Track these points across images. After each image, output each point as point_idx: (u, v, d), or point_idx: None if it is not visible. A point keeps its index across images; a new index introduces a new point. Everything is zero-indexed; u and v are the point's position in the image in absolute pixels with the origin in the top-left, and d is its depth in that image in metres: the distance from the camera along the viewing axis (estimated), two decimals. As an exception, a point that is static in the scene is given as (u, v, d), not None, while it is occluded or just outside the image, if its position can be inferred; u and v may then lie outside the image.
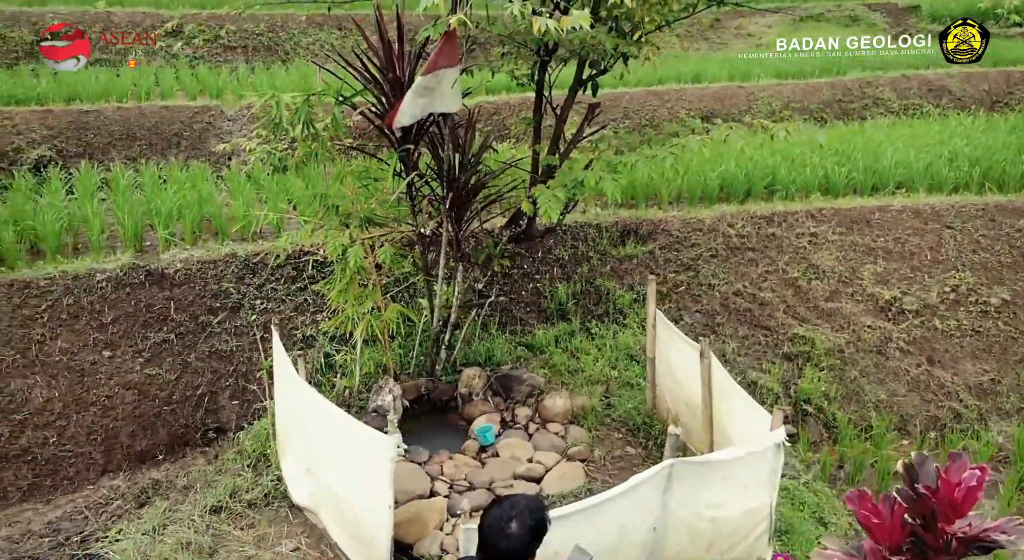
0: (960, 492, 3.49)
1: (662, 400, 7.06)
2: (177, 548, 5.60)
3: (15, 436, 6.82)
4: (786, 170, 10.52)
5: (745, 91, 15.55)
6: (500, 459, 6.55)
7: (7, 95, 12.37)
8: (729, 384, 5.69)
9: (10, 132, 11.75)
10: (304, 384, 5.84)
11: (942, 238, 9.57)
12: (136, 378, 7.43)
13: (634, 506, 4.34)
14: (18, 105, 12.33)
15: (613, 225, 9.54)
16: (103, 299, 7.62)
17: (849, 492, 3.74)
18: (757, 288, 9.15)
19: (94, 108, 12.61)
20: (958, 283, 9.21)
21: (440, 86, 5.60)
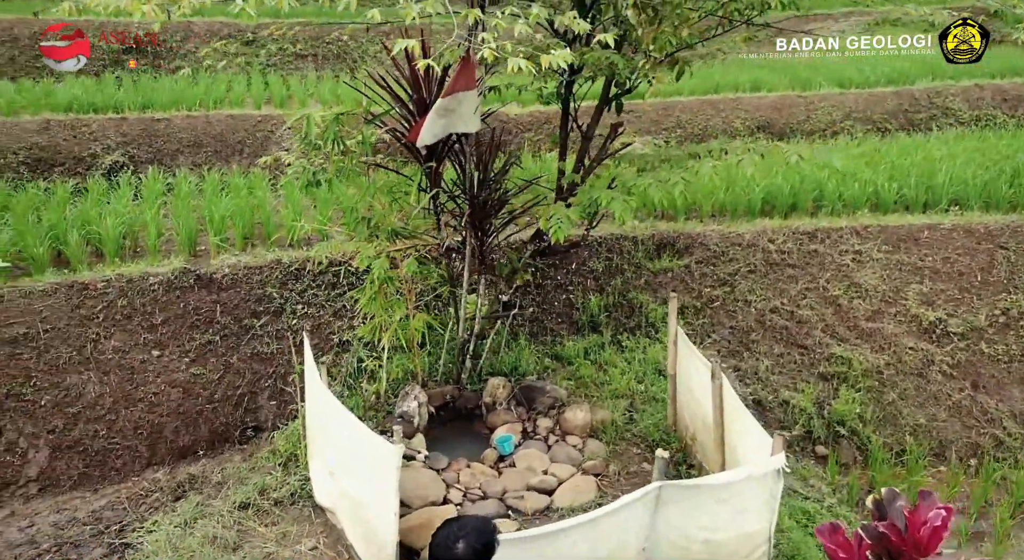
0: (926, 531, 3.49)
1: (682, 417, 7.07)
2: (204, 542, 5.94)
3: (69, 428, 7.31)
4: (834, 184, 10.32)
5: (805, 100, 15.25)
6: (516, 469, 6.69)
7: (88, 103, 13.18)
8: (739, 406, 5.69)
9: (88, 139, 12.53)
10: (326, 391, 6.09)
11: (994, 259, 9.24)
12: (182, 377, 7.86)
13: (622, 526, 4.42)
14: (96, 113, 13.13)
15: (649, 238, 9.56)
16: (154, 301, 8.09)
17: (820, 525, 3.76)
18: (795, 305, 9.03)
19: (165, 116, 13.32)
20: (1009, 306, 8.88)
21: (459, 108, 5.78)
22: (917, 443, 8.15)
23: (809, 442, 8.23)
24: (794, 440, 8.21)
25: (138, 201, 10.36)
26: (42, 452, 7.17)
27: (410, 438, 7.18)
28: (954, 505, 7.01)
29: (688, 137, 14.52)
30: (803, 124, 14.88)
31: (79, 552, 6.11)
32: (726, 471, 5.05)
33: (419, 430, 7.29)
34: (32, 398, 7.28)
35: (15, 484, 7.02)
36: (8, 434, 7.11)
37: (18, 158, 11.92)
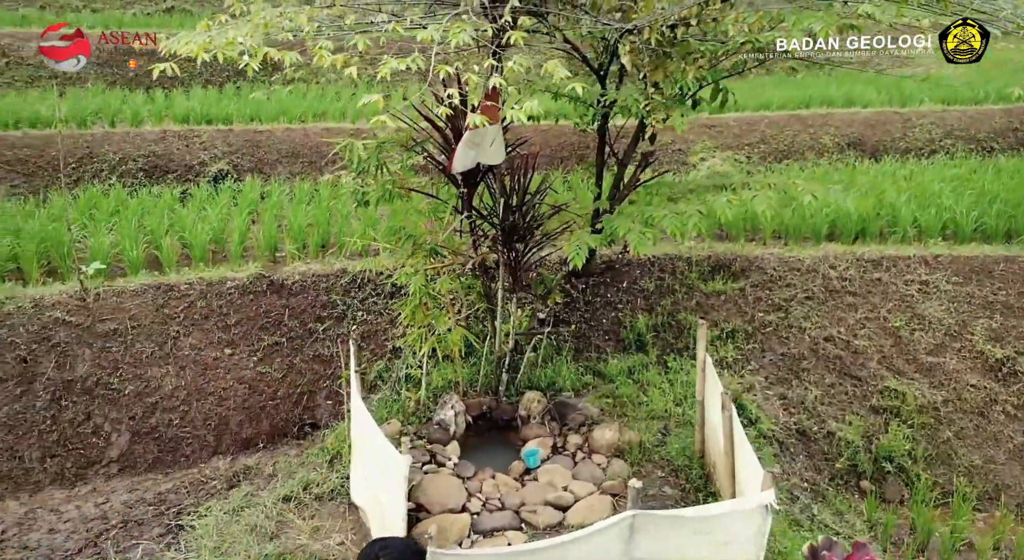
0: (852, 581, 3.58)
1: (708, 444, 7.13)
2: (246, 530, 6.54)
3: (147, 416, 8.15)
4: (908, 210, 9.97)
5: (901, 117, 14.65)
6: (538, 483, 6.96)
7: (202, 114, 14.38)
8: (742, 438, 5.75)
9: (198, 148, 13.66)
10: (358, 398, 6.58)
11: (1077, 296, 8.71)
12: (249, 374, 8.58)
13: (594, 552, 4.62)
14: (209, 124, 14.29)
15: (705, 259, 9.57)
16: (230, 304, 8.85)
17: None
18: (852, 335, 8.83)
19: (267, 128, 14.33)
20: (1087, 347, 8.36)
21: (484, 141, 6.11)
22: (970, 485, 7.83)
23: (854, 476, 8.06)
24: (837, 473, 8.07)
25: (235, 207, 11.26)
26: (123, 436, 8.02)
27: (445, 445, 7.59)
28: (997, 553, 6.78)
29: (772, 153, 14.26)
30: (898, 142, 14.30)
31: (141, 530, 6.85)
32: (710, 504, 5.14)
33: (454, 438, 7.69)
34: (117, 387, 8.15)
35: (99, 463, 7.89)
36: (95, 419, 8.01)
37: (137, 165, 13.13)
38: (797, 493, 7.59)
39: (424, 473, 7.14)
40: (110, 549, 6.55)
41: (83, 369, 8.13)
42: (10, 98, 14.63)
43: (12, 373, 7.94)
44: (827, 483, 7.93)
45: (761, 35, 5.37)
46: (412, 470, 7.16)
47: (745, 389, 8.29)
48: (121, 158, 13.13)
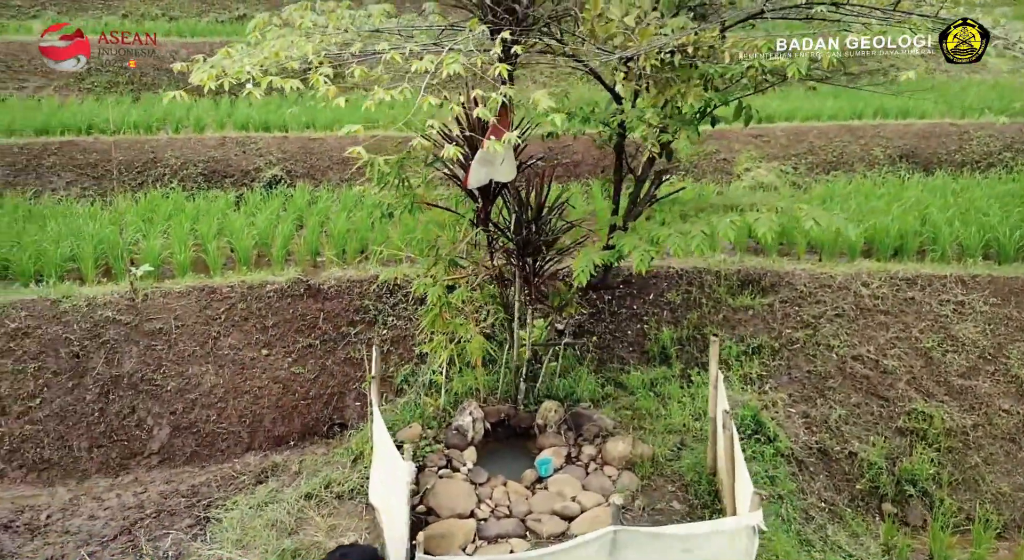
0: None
1: (719, 460, 7.16)
2: (267, 525, 6.90)
3: (187, 411, 8.62)
4: (949, 228, 9.74)
5: (958, 129, 14.20)
6: (547, 493, 7.11)
7: (261, 122, 14.97)
8: (740, 457, 5.80)
9: (254, 154, 14.22)
10: (375, 404, 6.86)
11: (1122, 321, 8.38)
12: (283, 374, 8.98)
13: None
14: (266, 131, 14.87)
15: (734, 273, 9.55)
16: (269, 306, 9.27)
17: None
18: (882, 354, 8.70)
19: (320, 136, 14.81)
20: None
21: (495, 159, 6.30)
22: (996, 512, 7.65)
23: (875, 498, 7.96)
24: (858, 494, 7.99)
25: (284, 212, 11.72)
26: (164, 430, 8.51)
27: (462, 450, 7.81)
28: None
29: (820, 164, 14.03)
30: (953, 155, 13.89)
31: (172, 520, 7.30)
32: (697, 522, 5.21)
33: (472, 443, 7.90)
34: (160, 384, 8.65)
35: (141, 454, 8.40)
36: (139, 412, 8.51)
37: (197, 169, 13.75)
38: (813, 513, 7.55)
39: (439, 477, 7.38)
40: (142, 537, 6.99)
41: (130, 365, 8.65)
42: (88, 104, 15.51)
43: (65, 367, 8.51)
44: (846, 504, 7.86)
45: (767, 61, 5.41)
46: (428, 474, 7.44)
47: (764, 406, 8.28)
48: (183, 163, 13.77)
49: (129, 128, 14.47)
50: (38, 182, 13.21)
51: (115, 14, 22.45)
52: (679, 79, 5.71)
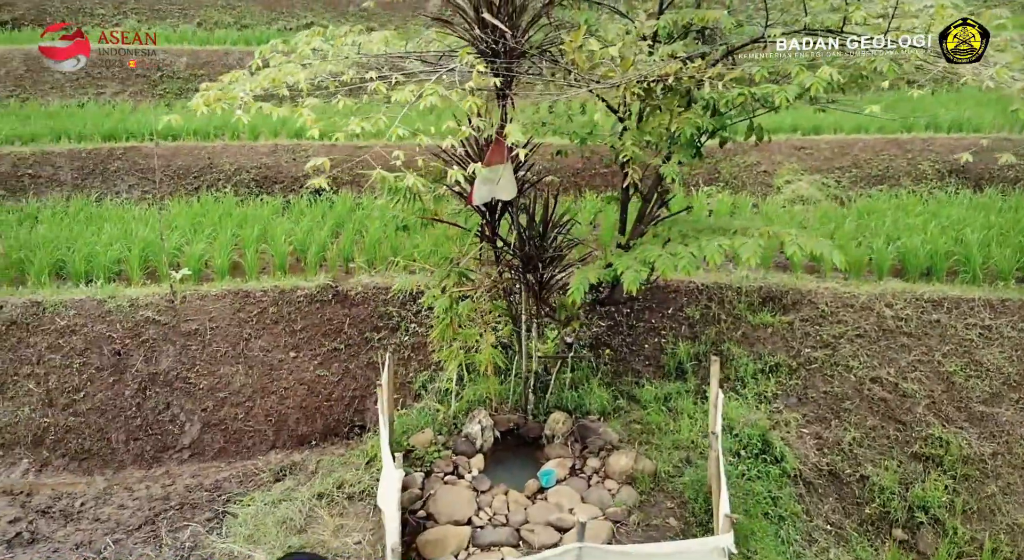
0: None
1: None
2: (278, 522, 7.27)
3: (217, 409, 9.08)
4: (985, 249, 9.48)
5: (1013, 144, 13.67)
6: (546, 503, 7.27)
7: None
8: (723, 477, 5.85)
9: (304, 161, 14.74)
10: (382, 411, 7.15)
11: None
12: (309, 376, 9.36)
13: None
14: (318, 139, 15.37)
15: (756, 290, 9.50)
16: (298, 311, 9.67)
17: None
18: (902, 377, 8.55)
19: (367, 144, 15.24)
20: None
21: (496, 178, 6.50)
22: (1011, 543, 7.45)
23: (885, 524, 7.84)
24: (867, 519, 7.89)
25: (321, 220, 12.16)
26: (195, 426, 9.00)
27: (469, 457, 8.05)
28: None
29: (864, 178, 13.74)
30: (1006, 171, 13.39)
31: (194, 513, 7.73)
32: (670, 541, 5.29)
33: (480, 451, 8.13)
34: (194, 381, 9.14)
35: (173, 448, 8.90)
36: (173, 408, 9.02)
37: (250, 175, 14.35)
38: (817, 536, 7.51)
39: (444, 483, 7.63)
40: (164, 528, 7.44)
41: (166, 363, 9.17)
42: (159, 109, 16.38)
43: (107, 364, 9.09)
44: (854, 528, 7.77)
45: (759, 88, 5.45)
46: (434, 479, 7.69)
47: (776, 425, 8.25)
48: (236, 169, 14.39)
49: (189, 135, 15.21)
50: (103, 186, 14.03)
51: (191, 22, 23.60)
52: (665, 106, 5.80)
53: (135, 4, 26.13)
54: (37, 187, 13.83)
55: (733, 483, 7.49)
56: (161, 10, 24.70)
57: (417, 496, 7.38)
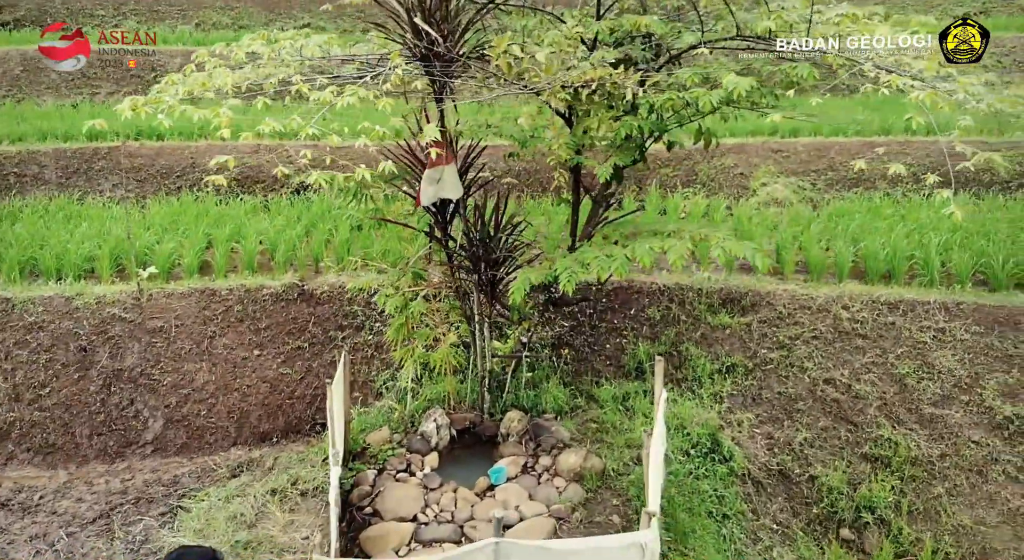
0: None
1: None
2: (229, 517, 7.38)
3: (180, 405, 9.21)
4: (941, 252, 9.55)
5: (989, 147, 13.68)
6: (493, 501, 7.36)
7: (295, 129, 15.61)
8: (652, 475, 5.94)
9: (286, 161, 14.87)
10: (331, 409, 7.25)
11: (1109, 355, 8.08)
12: (272, 374, 9.48)
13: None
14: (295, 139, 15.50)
15: (716, 291, 9.58)
16: (263, 309, 9.80)
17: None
18: (855, 379, 8.61)
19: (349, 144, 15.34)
20: (1111, 411, 7.76)
21: (442, 178, 6.60)
22: (955, 544, 7.51)
23: (833, 523, 7.91)
24: (815, 519, 7.96)
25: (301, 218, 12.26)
26: (158, 422, 9.12)
27: (424, 455, 8.15)
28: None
29: (840, 181, 13.79)
30: (981, 174, 13.40)
31: (148, 507, 7.87)
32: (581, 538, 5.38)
33: (435, 449, 8.22)
34: (158, 378, 9.27)
35: (136, 444, 9.03)
36: (137, 404, 9.15)
37: (231, 175, 14.44)
38: (762, 534, 7.59)
39: (396, 480, 7.72)
40: (117, 522, 7.57)
41: (131, 360, 9.30)
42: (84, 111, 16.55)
43: (73, 360, 9.22)
44: (801, 528, 7.85)
45: (688, 93, 5.53)
46: (386, 477, 7.80)
47: (729, 425, 8.33)
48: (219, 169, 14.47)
49: (175, 135, 15.35)
50: (87, 185, 14.17)
51: (189, 23, 23.81)
52: (594, 111, 5.89)
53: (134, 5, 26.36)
54: (22, 186, 13.99)
55: (680, 481, 7.58)
56: (160, 11, 24.94)
57: (367, 493, 7.48)
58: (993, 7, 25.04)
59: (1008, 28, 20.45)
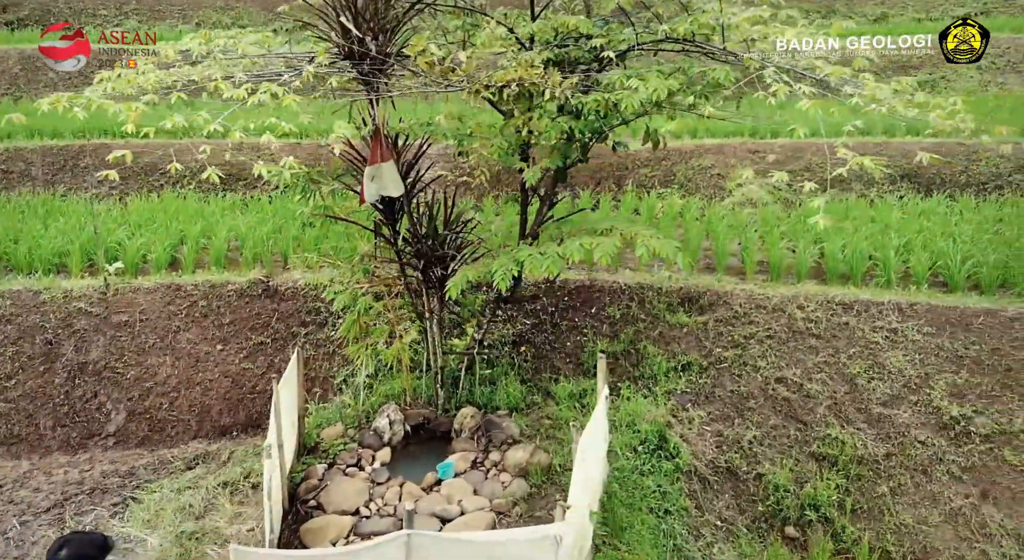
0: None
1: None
2: (178, 508, 7.52)
3: (143, 398, 9.35)
4: (899, 253, 9.59)
5: (966, 148, 13.70)
6: (438, 495, 7.46)
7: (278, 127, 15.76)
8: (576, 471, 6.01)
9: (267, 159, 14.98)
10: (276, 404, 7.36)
11: (1057, 356, 8.09)
12: (234, 369, 9.61)
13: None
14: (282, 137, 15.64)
15: (677, 290, 9.65)
16: (228, 305, 9.93)
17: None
18: (807, 378, 8.66)
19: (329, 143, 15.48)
20: (1055, 413, 7.78)
21: (382, 175, 6.70)
22: (897, 543, 7.56)
23: (778, 520, 7.97)
24: (760, 516, 8.02)
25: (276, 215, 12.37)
26: (121, 415, 9.27)
27: (376, 450, 8.25)
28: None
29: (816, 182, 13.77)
30: (959, 176, 13.43)
31: (103, 497, 8.00)
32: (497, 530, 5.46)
33: (388, 444, 8.32)
34: (122, 372, 9.42)
35: (99, 435, 9.18)
36: (100, 397, 9.30)
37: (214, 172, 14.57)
38: (704, 531, 7.65)
39: (345, 474, 7.83)
40: (70, 511, 7.70)
41: (96, 353, 9.45)
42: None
43: (39, 353, 9.38)
44: (746, 525, 7.90)
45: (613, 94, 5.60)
46: (335, 471, 7.91)
47: (679, 422, 8.39)
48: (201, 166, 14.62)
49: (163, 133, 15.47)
50: (72, 181, 14.36)
51: (189, 23, 24.04)
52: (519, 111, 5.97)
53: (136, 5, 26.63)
54: (9, 182, 14.20)
55: (624, 477, 7.65)
56: (161, 11, 25.23)
57: (314, 486, 7.59)
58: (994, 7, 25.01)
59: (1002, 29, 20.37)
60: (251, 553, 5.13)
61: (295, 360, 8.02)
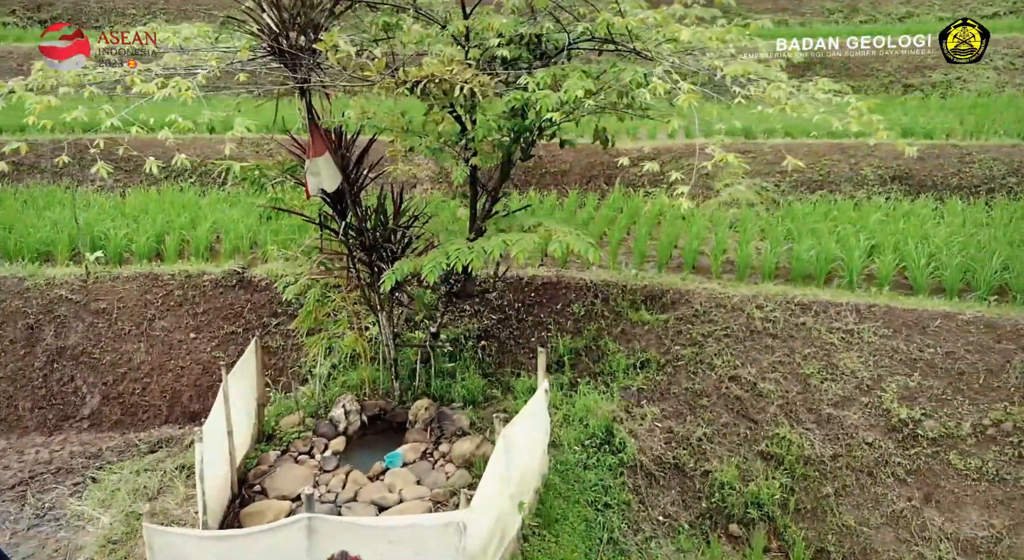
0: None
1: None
2: (132, 489, 7.80)
3: (116, 383, 9.68)
4: (861, 256, 9.54)
5: (959, 151, 13.52)
6: (380, 484, 7.64)
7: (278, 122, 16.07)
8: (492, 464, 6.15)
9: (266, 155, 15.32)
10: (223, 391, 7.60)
11: (1010, 362, 7.99)
12: (205, 357, 9.90)
13: (278, 547, 5.26)
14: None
15: (640, 288, 9.71)
16: (203, 294, 10.22)
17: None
18: (760, 377, 8.67)
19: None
20: (1003, 418, 7.69)
21: (320, 170, 6.88)
22: (838, 544, 7.56)
23: (722, 517, 8.00)
24: (705, 513, 8.06)
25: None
26: (95, 398, 9.60)
27: (330, 440, 8.44)
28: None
29: (805, 183, 13.75)
30: (950, 178, 13.26)
31: (66, 477, 8.33)
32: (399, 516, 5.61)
33: (343, 434, 8.51)
34: (98, 357, 9.75)
35: (74, 418, 9.52)
36: (77, 381, 9.65)
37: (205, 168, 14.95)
38: (644, 526, 7.73)
39: (296, 462, 8.04)
40: (33, 490, 8.03)
41: (74, 339, 9.80)
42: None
43: (20, 337, 9.76)
44: (689, 521, 7.96)
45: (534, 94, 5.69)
46: (286, 458, 8.13)
47: (627, 418, 8.46)
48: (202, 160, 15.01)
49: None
50: (81, 174, 14.80)
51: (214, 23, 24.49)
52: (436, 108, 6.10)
53: (164, 4, 27.36)
54: (19, 174, 14.70)
55: (566, 470, 7.75)
56: (188, 11, 25.84)
57: (263, 472, 7.81)
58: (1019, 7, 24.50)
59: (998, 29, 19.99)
60: (162, 531, 5.35)
61: (252, 349, 8.25)
